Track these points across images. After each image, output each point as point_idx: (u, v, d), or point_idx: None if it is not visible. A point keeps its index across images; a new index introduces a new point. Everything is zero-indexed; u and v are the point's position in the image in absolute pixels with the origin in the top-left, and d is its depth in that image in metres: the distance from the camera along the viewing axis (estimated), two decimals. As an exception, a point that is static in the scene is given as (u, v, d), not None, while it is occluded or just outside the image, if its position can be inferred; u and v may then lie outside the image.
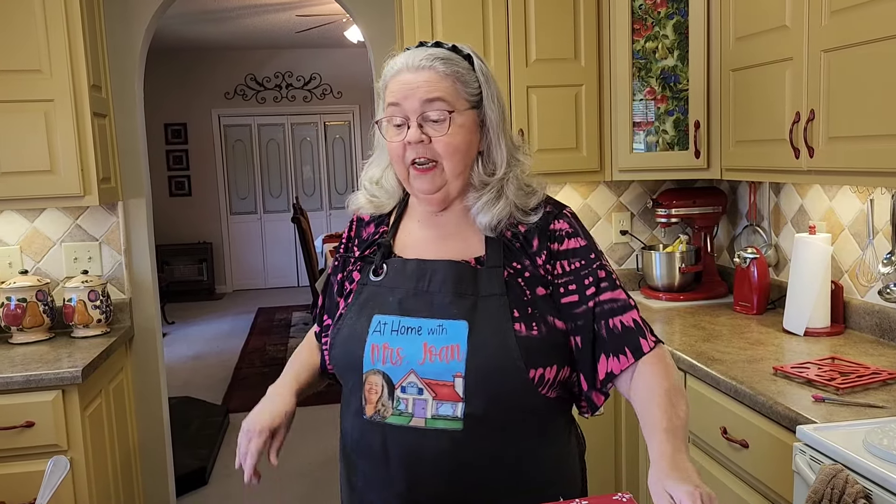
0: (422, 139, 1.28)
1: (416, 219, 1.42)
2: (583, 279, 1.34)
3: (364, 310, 1.35)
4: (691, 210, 2.96)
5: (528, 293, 1.32)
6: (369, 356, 1.30)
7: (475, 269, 1.33)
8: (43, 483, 1.01)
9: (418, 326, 1.29)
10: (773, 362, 2.07)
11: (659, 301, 2.95)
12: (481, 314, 1.28)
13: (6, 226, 2.78)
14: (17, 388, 2.23)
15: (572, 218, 1.39)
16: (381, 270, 1.37)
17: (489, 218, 1.32)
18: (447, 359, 1.26)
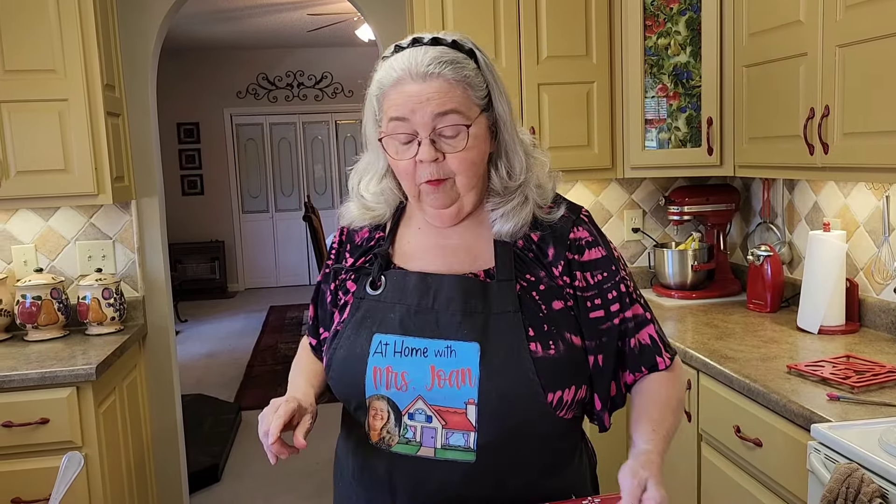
0: (437, 157, 1.16)
1: (415, 226, 1.30)
2: (606, 293, 1.24)
3: (362, 328, 1.23)
4: (704, 207, 2.94)
5: (543, 308, 1.21)
6: (371, 380, 1.19)
7: (485, 284, 1.21)
8: (57, 479, 1.01)
9: (424, 348, 1.18)
10: (786, 360, 2.06)
11: (671, 299, 2.94)
12: (493, 334, 1.17)
13: (21, 224, 2.81)
14: (32, 385, 2.25)
15: (590, 223, 1.28)
16: (379, 283, 1.25)
17: (512, 225, 1.21)
18: (458, 384, 1.15)
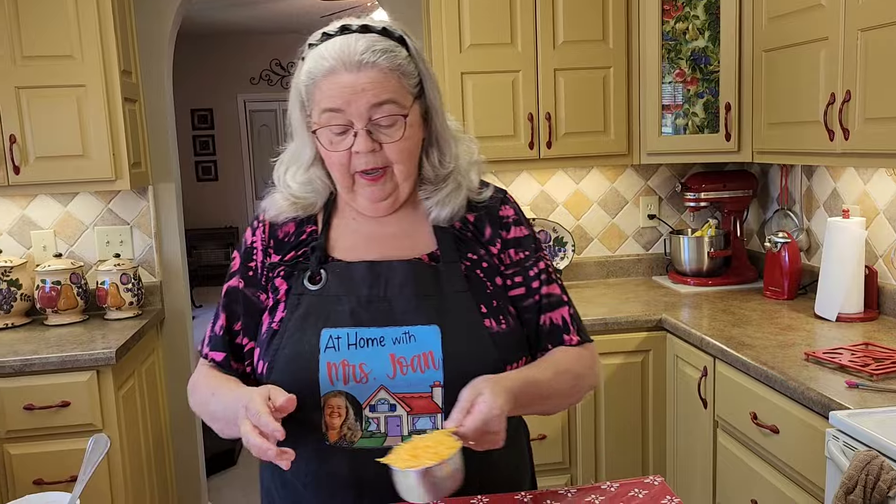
0: (373, 148, 1.14)
1: (350, 216, 1.26)
2: (528, 270, 1.26)
3: (307, 324, 1.18)
4: (721, 194, 2.92)
5: (489, 285, 1.23)
6: (325, 376, 1.15)
7: (433, 267, 1.21)
8: (84, 460, 1.03)
9: (380, 337, 1.16)
10: (804, 348, 2.05)
11: (687, 286, 2.93)
12: (449, 315, 1.17)
13: (40, 210, 2.83)
14: (52, 369, 2.28)
15: (515, 203, 1.31)
16: (318, 277, 1.21)
17: (448, 211, 1.22)
18: (421, 369, 1.14)
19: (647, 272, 3.18)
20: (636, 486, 1.18)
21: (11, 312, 2.67)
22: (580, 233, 3.14)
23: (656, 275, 3.17)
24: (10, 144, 2.45)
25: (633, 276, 3.18)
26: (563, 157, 2.79)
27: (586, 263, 3.14)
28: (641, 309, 2.63)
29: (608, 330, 2.54)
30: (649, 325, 2.55)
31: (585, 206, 3.14)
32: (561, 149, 2.76)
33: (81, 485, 1.01)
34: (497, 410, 1.02)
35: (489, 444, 1.04)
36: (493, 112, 2.71)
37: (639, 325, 2.55)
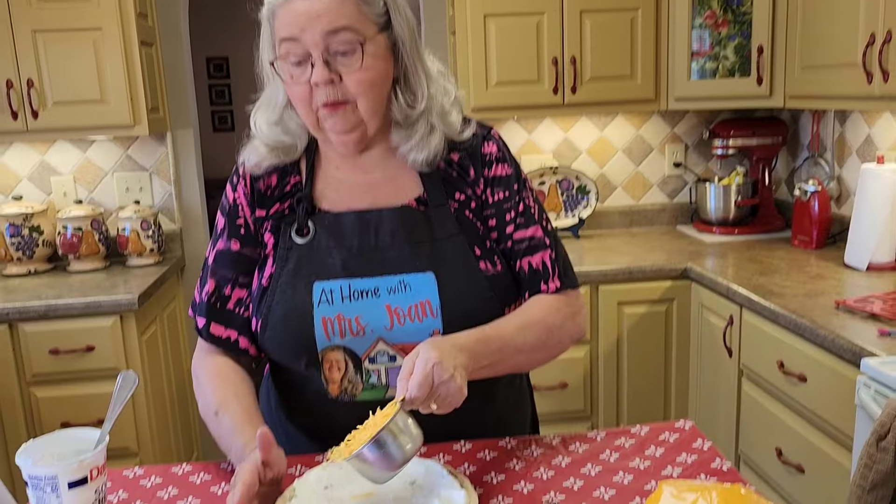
0: (331, 79, 1.08)
1: (333, 164, 1.21)
2: (504, 214, 1.20)
3: (297, 278, 1.15)
4: (749, 141, 2.85)
5: (479, 226, 1.19)
6: (322, 332, 1.12)
7: (423, 212, 1.17)
8: (113, 396, 1.02)
9: (374, 288, 1.13)
10: (834, 296, 2.01)
11: (712, 235, 2.89)
12: (444, 261, 1.14)
13: (60, 156, 2.82)
14: (76, 314, 2.29)
15: (500, 140, 1.24)
16: (306, 229, 1.17)
17: (425, 154, 1.16)
18: (419, 318, 1.11)
19: (672, 221, 3.13)
20: (666, 430, 1.17)
21: (34, 258, 2.68)
22: (603, 181, 3.09)
23: (681, 224, 3.12)
24: (28, 89, 2.43)
25: (657, 225, 3.13)
26: (587, 103, 2.72)
27: (609, 213, 3.10)
28: (666, 258, 2.60)
29: (632, 279, 2.51)
30: (674, 274, 2.52)
31: (609, 154, 3.08)
32: (586, 94, 2.69)
33: (111, 420, 1.01)
34: (434, 360, 0.96)
35: (449, 403, 0.97)
36: (516, 56, 2.64)
37: (663, 274, 2.52)
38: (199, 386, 1.20)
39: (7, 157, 2.80)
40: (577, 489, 1.02)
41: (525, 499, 1.00)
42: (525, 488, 1.03)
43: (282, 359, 1.19)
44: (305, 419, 1.21)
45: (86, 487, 0.94)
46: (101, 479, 0.97)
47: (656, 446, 1.13)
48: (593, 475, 1.06)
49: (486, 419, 1.21)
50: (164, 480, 1.11)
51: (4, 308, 2.26)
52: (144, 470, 1.14)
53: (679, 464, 1.07)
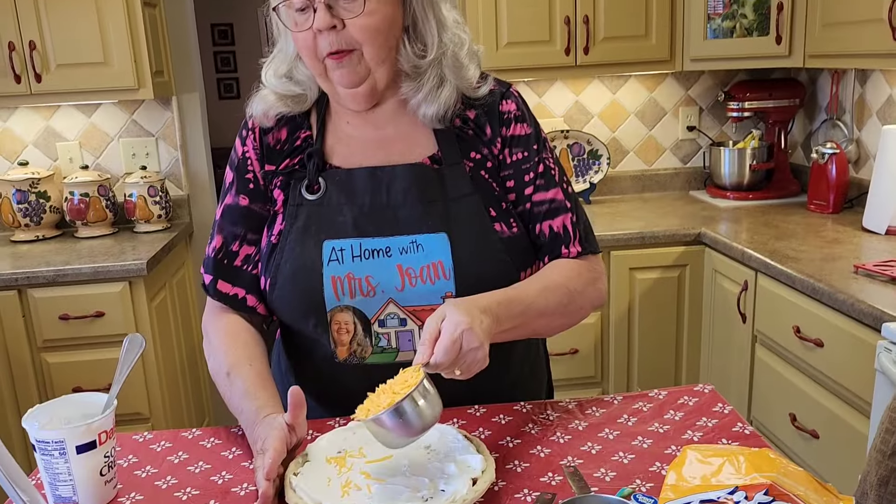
0: (333, 24, 1.03)
1: (344, 119, 1.17)
2: (523, 175, 1.16)
3: (307, 236, 1.11)
4: (766, 103, 2.79)
5: (495, 187, 1.15)
6: (331, 291, 1.09)
7: (437, 170, 1.12)
8: (120, 360, 1.00)
9: (386, 247, 1.09)
10: (852, 261, 1.97)
11: (726, 200, 2.84)
12: (457, 221, 1.10)
13: (65, 121, 2.79)
14: (86, 280, 2.28)
15: (519, 98, 1.19)
16: (317, 186, 1.13)
17: (436, 108, 1.11)
18: (431, 279, 1.08)
19: (685, 186, 3.08)
20: (685, 394, 1.15)
21: (42, 224, 2.66)
22: (615, 146, 3.04)
23: (693, 189, 3.07)
24: (31, 51, 2.39)
25: (670, 190, 3.08)
26: (600, 64, 2.66)
27: (621, 177, 3.05)
28: (679, 223, 2.56)
29: (644, 244, 2.47)
30: (687, 240, 2.48)
31: (622, 118, 3.02)
32: (599, 55, 2.63)
33: (118, 384, 0.99)
34: (464, 325, 0.93)
35: (474, 367, 0.95)
36: (527, 15, 2.57)
37: (676, 240, 2.48)
38: (209, 345, 1.17)
39: (12, 122, 2.77)
40: (594, 453, 1.00)
41: (542, 463, 0.98)
42: (542, 452, 1.01)
43: (290, 319, 1.16)
44: (314, 384, 1.18)
45: (94, 452, 0.93)
46: (109, 444, 0.95)
47: (675, 410, 1.10)
48: (611, 439, 1.04)
49: (501, 384, 1.19)
50: (174, 445, 1.10)
51: (13, 274, 2.25)
52: (154, 434, 1.13)
53: (699, 428, 1.05)
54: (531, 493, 0.92)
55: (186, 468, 1.03)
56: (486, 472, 0.90)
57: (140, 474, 1.02)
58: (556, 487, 0.93)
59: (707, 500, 0.74)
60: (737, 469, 0.76)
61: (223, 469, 1.02)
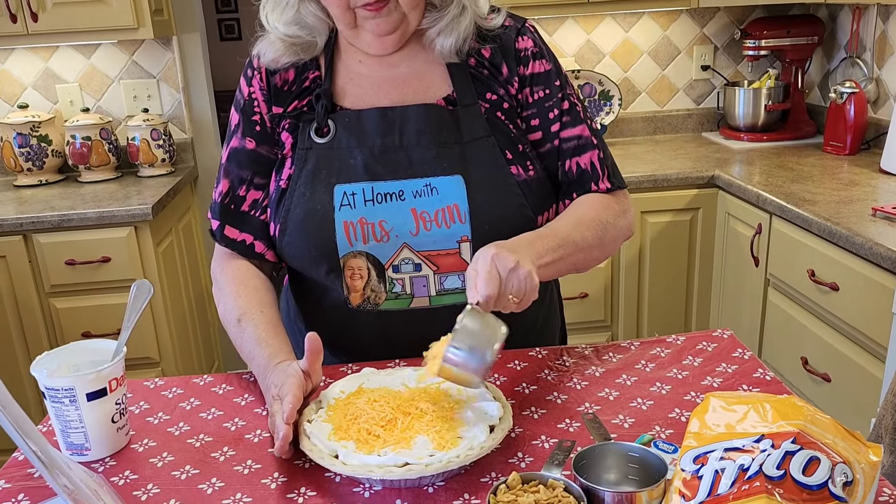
0: None
1: (356, 58, 1.12)
2: (547, 112, 1.12)
3: (317, 181, 1.08)
4: (783, 41, 2.70)
5: (511, 128, 1.11)
6: (343, 237, 1.06)
7: (451, 111, 1.09)
8: (128, 306, 0.99)
9: (399, 191, 1.06)
10: (870, 203, 1.93)
11: (739, 142, 2.78)
12: (473, 163, 1.07)
13: (64, 62, 2.72)
14: (91, 225, 2.25)
15: (536, 33, 1.15)
16: (326, 128, 1.09)
17: (454, 38, 1.07)
18: (447, 223, 1.05)
19: (697, 128, 3.02)
20: (704, 340, 1.13)
21: (44, 169, 2.63)
22: (627, 86, 2.96)
23: (707, 131, 3.01)
24: (26, -11, 2.32)
25: (682, 132, 3.02)
26: (613, 0, 2.57)
27: (633, 119, 2.98)
28: (692, 165, 2.51)
29: (656, 187, 2.43)
30: (700, 182, 2.44)
31: (634, 57, 2.94)
32: (612, -9, 2.54)
33: (127, 331, 0.97)
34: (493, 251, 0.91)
35: (525, 294, 0.92)
36: (539, -51, 2.48)
37: (689, 182, 2.44)
38: (219, 291, 1.15)
39: (9, 63, 2.70)
40: (612, 399, 0.99)
41: (559, 409, 0.97)
42: (559, 399, 1.00)
43: (301, 265, 1.13)
44: (326, 330, 1.15)
45: (105, 399, 0.92)
46: (120, 391, 0.94)
47: (694, 356, 1.08)
48: (629, 385, 1.02)
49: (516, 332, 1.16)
50: (185, 391, 1.09)
51: (18, 219, 2.23)
52: (165, 381, 1.12)
53: (719, 374, 1.03)
54: (549, 439, 0.91)
55: (199, 415, 1.02)
56: (504, 419, 0.89)
57: (152, 421, 1.02)
58: (574, 434, 0.91)
59: (732, 449, 0.72)
60: (762, 417, 0.74)
61: (236, 415, 1.02)
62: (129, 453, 0.94)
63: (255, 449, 0.93)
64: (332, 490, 0.84)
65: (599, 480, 0.79)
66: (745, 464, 0.70)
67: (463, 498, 0.81)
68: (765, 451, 0.70)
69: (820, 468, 0.69)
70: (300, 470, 0.88)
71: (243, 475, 0.88)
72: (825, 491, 0.68)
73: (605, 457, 0.81)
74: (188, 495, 0.85)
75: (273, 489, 0.85)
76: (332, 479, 0.86)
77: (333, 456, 0.84)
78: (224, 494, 0.85)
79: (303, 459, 0.90)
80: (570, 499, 0.74)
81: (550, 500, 0.74)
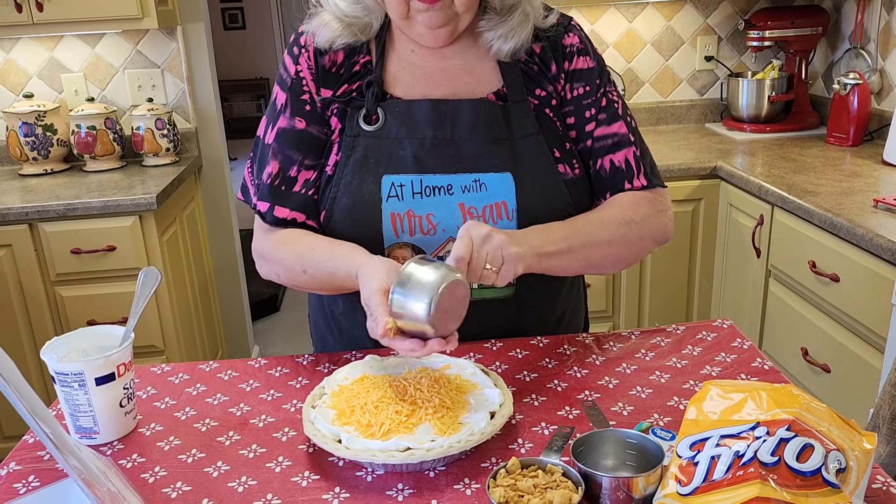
0: None
1: (409, 47, 1.12)
2: (584, 110, 1.12)
3: (364, 170, 1.07)
4: (787, 32, 2.70)
5: (559, 126, 1.11)
6: (390, 228, 1.06)
7: (502, 106, 1.09)
8: (136, 293, 1.00)
9: (448, 185, 1.06)
10: (872, 195, 1.94)
11: (742, 133, 2.78)
12: (522, 161, 1.07)
13: (68, 52, 2.73)
14: (96, 214, 2.27)
15: (581, 31, 1.16)
16: (375, 116, 1.08)
17: (513, 44, 1.08)
18: (494, 219, 1.06)
19: (700, 119, 3.02)
20: (704, 329, 1.14)
21: (50, 158, 2.64)
22: (631, 76, 2.96)
23: (710, 122, 3.01)
24: (31, -22, 2.32)
25: (685, 123, 3.02)
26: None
27: (636, 109, 2.98)
28: (694, 156, 2.51)
29: (659, 178, 2.43)
30: (702, 173, 2.44)
31: (638, 47, 2.94)
32: (616, -19, 2.53)
33: (135, 317, 0.99)
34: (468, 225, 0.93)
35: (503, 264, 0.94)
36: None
37: (691, 173, 2.44)
38: (265, 263, 1.12)
39: (15, 53, 2.71)
40: (612, 387, 1.00)
41: (559, 396, 0.99)
42: (559, 386, 1.01)
43: None
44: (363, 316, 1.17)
45: (114, 384, 0.93)
46: (128, 376, 0.96)
47: (693, 345, 1.10)
48: (629, 373, 1.03)
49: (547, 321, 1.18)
50: (191, 377, 1.11)
51: (24, 208, 2.24)
52: (172, 367, 1.14)
53: (718, 363, 1.05)
54: (549, 426, 0.92)
55: (205, 400, 1.04)
56: (504, 405, 0.90)
57: (159, 406, 1.03)
58: (574, 421, 0.93)
59: (728, 436, 0.74)
60: (759, 405, 0.75)
61: (241, 401, 1.03)
62: (137, 437, 0.96)
63: (259, 434, 0.95)
64: (336, 474, 0.86)
65: (597, 466, 0.80)
66: (741, 450, 0.72)
67: (463, 482, 0.83)
68: (760, 438, 0.72)
69: (814, 455, 0.70)
70: (304, 454, 0.90)
71: (248, 459, 0.90)
72: (818, 477, 0.69)
73: (603, 443, 0.82)
74: (194, 478, 0.87)
75: (277, 473, 0.87)
76: (335, 464, 0.88)
77: (336, 441, 0.86)
78: (229, 478, 0.86)
79: (307, 444, 0.92)
80: (568, 483, 0.76)
81: (549, 484, 0.76)
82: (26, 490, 0.86)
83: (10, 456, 0.93)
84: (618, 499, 0.75)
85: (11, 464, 0.91)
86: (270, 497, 0.83)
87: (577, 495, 0.74)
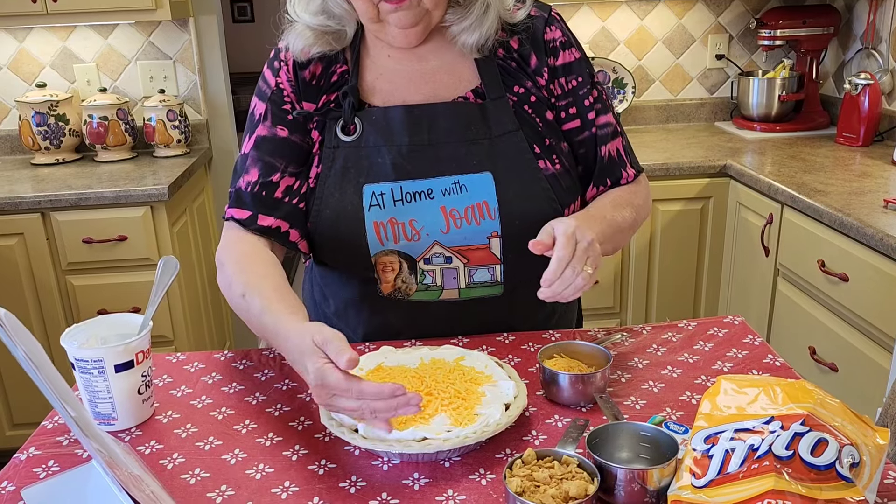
0: None
1: (384, 53, 1.11)
2: (582, 100, 1.13)
3: (345, 181, 1.07)
4: (799, 31, 2.70)
5: (539, 122, 1.11)
6: (374, 237, 1.07)
7: (480, 105, 1.08)
8: (155, 281, 1.01)
9: (428, 189, 1.06)
10: (882, 195, 1.94)
11: (752, 132, 2.78)
12: (502, 159, 1.07)
13: (81, 42, 2.74)
14: (108, 204, 2.28)
15: (562, 22, 1.15)
16: (353, 126, 1.08)
17: (477, 36, 1.07)
18: (477, 220, 1.06)
19: (710, 117, 3.02)
20: (715, 325, 1.15)
21: (61, 148, 2.65)
22: (641, 74, 2.96)
23: (720, 120, 3.01)
24: (45, -31, 2.33)
25: (695, 121, 3.02)
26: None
27: (646, 107, 2.99)
28: (704, 154, 2.51)
29: (668, 176, 2.44)
30: (712, 172, 2.44)
31: (649, 45, 2.94)
32: (628, -22, 2.53)
33: (154, 306, 1.00)
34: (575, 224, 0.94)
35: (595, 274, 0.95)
36: (556, -65, 2.47)
37: (701, 171, 2.45)
38: (221, 272, 1.10)
39: (28, 42, 2.73)
40: (624, 381, 1.01)
41: (572, 390, 0.99)
42: (572, 380, 1.02)
43: (333, 263, 1.15)
44: (355, 317, 1.17)
45: (132, 371, 0.95)
46: (146, 363, 0.97)
47: (704, 341, 1.10)
48: (641, 368, 1.04)
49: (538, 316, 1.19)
50: (207, 366, 1.12)
51: (36, 197, 2.26)
52: (187, 356, 1.15)
53: (729, 359, 1.05)
54: (562, 418, 0.93)
55: (220, 388, 1.05)
56: (519, 397, 0.91)
57: (175, 394, 1.04)
58: (588, 414, 0.94)
59: (742, 430, 0.74)
60: (773, 399, 0.76)
61: (256, 390, 1.04)
62: (154, 424, 0.97)
63: (276, 422, 0.96)
64: (352, 462, 0.87)
65: (612, 458, 0.81)
66: (755, 444, 0.72)
67: (479, 472, 0.84)
68: (774, 432, 0.72)
69: (828, 449, 0.71)
70: (320, 443, 0.91)
71: (265, 447, 0.91)
72: (832, 471, 0.70)
73: (617, 436, 0.83)
74: (212, 465, 0.88)
75: (294, 461, 0.88)
76: (351, 453, 0.89)
77: (353, 430, 0.87)
78: (247, 465, 0.88)
79: (323, 433, 0.93)
80: (584, 475, 0.77)
81: (564, 475, 0.77)
82: (46, 474, 0.87)
83: (30, 441, 0.95)
84: (632, 490, 0.75)
85: (31, 448, 0.93)
86: (288, 485, 0.84)
87: (592, 486, 0.75)
